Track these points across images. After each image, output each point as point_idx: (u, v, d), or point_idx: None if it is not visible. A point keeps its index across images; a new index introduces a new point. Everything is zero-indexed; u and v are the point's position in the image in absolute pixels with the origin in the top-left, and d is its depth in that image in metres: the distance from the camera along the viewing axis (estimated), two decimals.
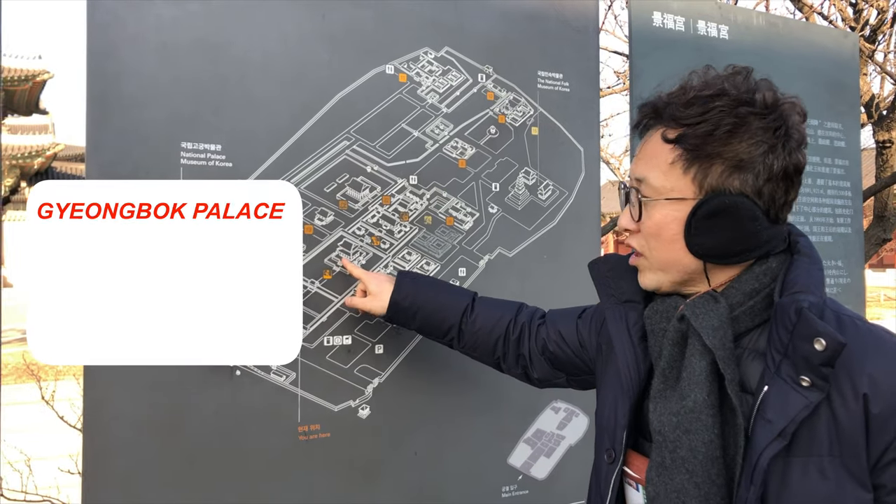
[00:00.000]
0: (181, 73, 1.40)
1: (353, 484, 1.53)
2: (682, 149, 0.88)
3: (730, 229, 0.87)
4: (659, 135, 0.91)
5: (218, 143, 1.42)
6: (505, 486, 1.70)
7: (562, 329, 1.26)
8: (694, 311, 0.87)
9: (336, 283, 1.52)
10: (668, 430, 0.86)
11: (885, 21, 3.76)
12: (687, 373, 0.86)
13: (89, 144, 1.33)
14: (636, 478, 0.95)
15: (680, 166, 0.88)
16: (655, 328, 0.95)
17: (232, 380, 1.42)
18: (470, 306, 1.37)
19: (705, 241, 0.88)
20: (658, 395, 0.90)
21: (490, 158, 1.70)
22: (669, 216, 0.89)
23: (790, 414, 0.79)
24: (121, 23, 1.35)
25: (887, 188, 3.59)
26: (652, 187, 0.90)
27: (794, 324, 0.81)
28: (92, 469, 1.32)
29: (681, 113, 0.88)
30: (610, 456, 0.98)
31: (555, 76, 1.79)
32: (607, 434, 1.00)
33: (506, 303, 1.39)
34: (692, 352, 0.87)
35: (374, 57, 1.58)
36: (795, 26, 2.36)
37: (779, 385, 0.81)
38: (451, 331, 1.37)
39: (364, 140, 1.55)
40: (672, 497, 0.84)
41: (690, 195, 0.88)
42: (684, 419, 0.84)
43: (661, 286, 0.94)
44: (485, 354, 1.37)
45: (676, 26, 2.04)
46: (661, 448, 0.87)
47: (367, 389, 1.55)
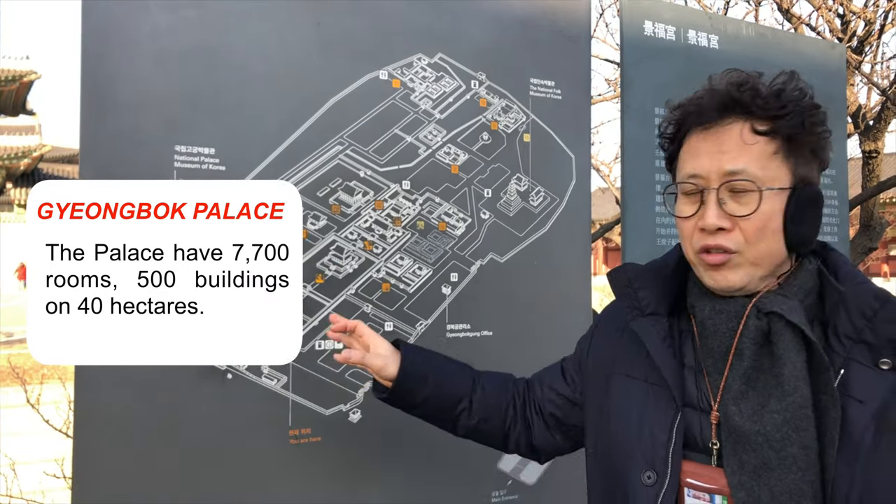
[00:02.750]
0: (176, 77, 1.40)
1: (344, 488, 1.53)
2: (780, 138, 0.88)
3: (816, 217, 0.89)
4: (746, 128, 0.89)
5: (212, 147, 1.42)
6: (495, 491, 1.71)
7: (553, 383, 1.19)
8: (781, 307, 0.86)
9: (328, 288, 1.52)
10: (771, 428, 0.83)
11: (872, 32, 3.79)
12: (788, 370, 0.84)
13: (83, 148, 1.33)
14: (709, 488, 0.89)
15: (781, 156, 0.88)
16: (720, 328, 0.91)
17: (223, 383, 1.41)
18: (477, 375, 1.25)
19: (802, 229, 0.89)
20: (741, 396, 0.87)
21: (482, 164, 1.71)
22: (776, 206, 0.88)
23: (881, 394, 0.80)
24: (116, 27, 1.35)
25: (873, 198, 3.63)
26: (758, 178, 0.87)
27: (877, 310, 0.83)
28: (82, 472, 1.32)
29: (767, 103, 0.88)
30: (650, 478, 0.92)
31: (547, 83, 1.80)
32: (641, 455, 0.94)
33: (499, 372, 1.29)
34: (787, 347, 0.85)
35: (368, 62, 1.58)
36: (784, 37, 2.39)
37: (856, 368, 0.82)
38: (462, 401, 1.21)
39: (357, 145, 1.56)
40: (783, 499, 0.81)
41: (788, 184, 0.88)
42: (794, 416, 0.82)
43: (749, 283, 0.90)
44: (495, 426, 1.22)
45: (667, 35, 2.06)
46: (762, 448, 0.83)
47: (359, 394, 1.55)
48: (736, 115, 0.90)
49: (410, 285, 1.61)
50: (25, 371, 5.79)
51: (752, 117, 0.89)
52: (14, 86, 21.98)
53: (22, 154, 21.60)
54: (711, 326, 0.92)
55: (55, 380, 4.93)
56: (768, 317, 0.87)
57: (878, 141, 3.72)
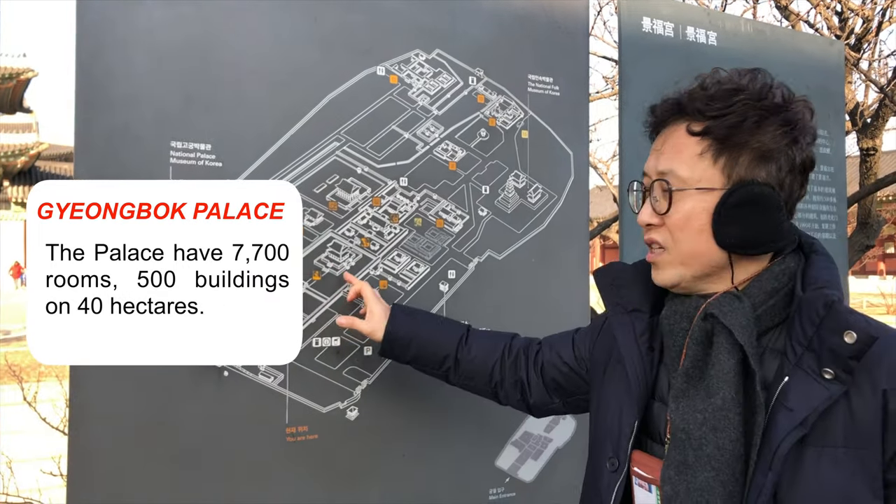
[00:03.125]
0: (172, 73, 1.39)
1: (341, 486, 1.53)
2: (710, 139, 0.90)
3: (758, 219, 0.89)
4: (683, 129, 0.92)
5: (208, 143, 1.41)
6: (492, 489, 1.70)
7: (560, 351, 1.25)
8: (721, 308, 0.88)
9: (325, 285, 1.51)
10: (693, 427, 0.86)
11: (869, 30, 3.80)
12: (715, 370, 0.87)
13: (78, 143, 1.32)
14: (648, 478, 0.95)
15: (709, 157, 0.90)
16: (675, 328, 0.95)
17: (220, 380, 1.41)
18: (465, 336, 1.36)
19: (734, 230, 0.89)
20: (680, 394, 0.90)
21: (480, 161, 1.70)
22: (698, 206, 0.90)
23: (812, 404, 0.80)
24: (111, 23, 1.34)
25: (871, 195, 3.63)
26: (680, 179, 0.91)
27: (823, 317, 0.83)
28: (77, 470, 1.31)
29: (706, 106, 0.90)
30: (613, 464, 0.98)
31: (545, 80, 1.80)
32: (610, 443, 1.00)
33: (499, 332, 1.39)
34: (720, 350, 0.87)
35: (366, 58, 1.57)
36: (782, 34, 2.38)
37: (800, 376, 0.83)
38: (446, 360, 1.34)
39: (354, 141, 1.55)
40: (695, 496, 0.84)
41: (719, 185, 0.90)
42: (712, 416, 0.85)
43: (681, 281, 0.94)
44: (482, 383, 1.34)
45: (666, 32, 2.06)
46: (684, 446, 0.87)
47: (356, 391, 1.54)
48: (677, 117, 0.95)
49: (408, 282, 1.61)
50: (22, 369, 5.79)
51: (689, 119, 0.93)
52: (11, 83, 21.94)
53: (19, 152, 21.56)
54: (667, 326, 0.97)
55: (52, 378, 4.92)
56: (712, 318, 0.89)
57: (876, 138, 3.72)
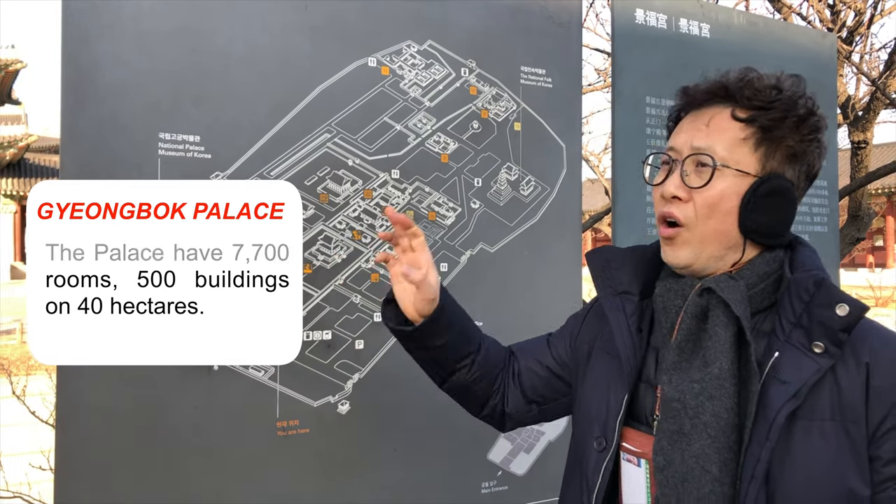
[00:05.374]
0: (160, 62, 1.37)
1: (332, 480, 1.52)
2: (755, 128, 0.92)
3: (780, 211, 0.93)
4: (727, 113, 0.94)
5: (197, 135, 1.40)
6: (485, 482, 1.70)
7: (540, 356, 1.20)
8: (719, 285, 0.91)
9: (316, 278, 1.50)
10: (689, 397, 0.88)
11: (862, 23, 3.80)
12: (711, 342, 0.89)
13: (64, 134, 1.30)
14: (637, 452, 0.97)
15: (751, 144, 0.92)
16: (669, 305, 0.97)
17: (210, 374, 1.40)
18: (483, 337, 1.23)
19: (759, 217, 0.92)
20: (673, 367, 0.92)
21: (472, 153, 1.69)
22: (732, 188, 0.92)
23: (804, 377, 0.83)
24: (97, 9, 1.32)
25: (862, 188, 3.64)
26: (720, 158, 0.92)
27: (812, 294, 0.87)
28: (64, 464, 1.30)
29: (755, 94, 0.92)
30: (600, 443, 1.00)
31: (538, 72, 1.79)
32: (597, 423, 1.01)
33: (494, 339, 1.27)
34: (716, 323, 0.90)
35: (357, 49, 1.56)
36: (775, 26, 2.38)
37: (790, 351, 0.86)
38: (467, 358, 1.18)
39: (346, 133, 1.54)
40: (690, 462, 0.86)
41: (753, 172, 0.92)
42: (709, 385, 0.87)
43: (696, 261, 0.95)
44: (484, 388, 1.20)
45: (659, 24, 2.05)
46: (679, 415, 0.88)
47: (347, 385, 1.54)
48: (721, 101, 0.95)
49: None
50: (12, 362, 5.76)
51: (735, 105, 0.94)
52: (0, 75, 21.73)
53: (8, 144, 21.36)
54: (661, 303, 0.98)
55: (42, 371, 4.90)
56: (708, 294, 0.92)
57: (867, 131, 3.73)
